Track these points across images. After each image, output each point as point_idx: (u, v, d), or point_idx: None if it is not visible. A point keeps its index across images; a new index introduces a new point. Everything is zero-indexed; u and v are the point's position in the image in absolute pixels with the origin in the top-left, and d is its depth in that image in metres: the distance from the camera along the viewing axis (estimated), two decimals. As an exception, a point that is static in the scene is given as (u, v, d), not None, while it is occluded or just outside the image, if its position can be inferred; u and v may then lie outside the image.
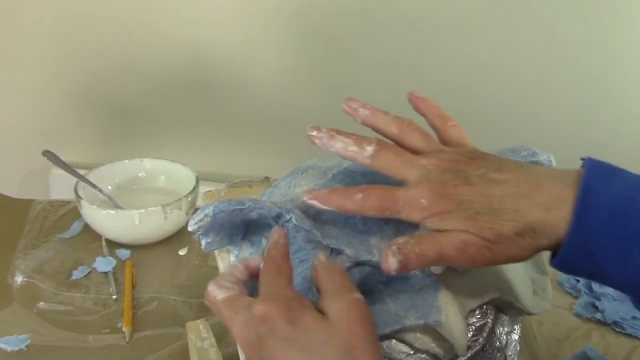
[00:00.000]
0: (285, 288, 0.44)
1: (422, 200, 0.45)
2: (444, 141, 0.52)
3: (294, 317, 0.41)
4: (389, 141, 0.50)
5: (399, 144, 0.50)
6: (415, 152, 0.49)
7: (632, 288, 0.44)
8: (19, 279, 0.81)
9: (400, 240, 0.46)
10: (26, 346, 0.70)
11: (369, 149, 0.48)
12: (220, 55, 1.23)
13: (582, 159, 0.45)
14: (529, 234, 0.44)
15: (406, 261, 0.45)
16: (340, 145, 0.48)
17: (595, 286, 0.81)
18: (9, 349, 0.70)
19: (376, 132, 0.50)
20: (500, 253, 0.44)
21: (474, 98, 1.19)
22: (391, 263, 0.45)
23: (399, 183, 0.57)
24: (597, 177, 0.44)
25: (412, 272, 0.52)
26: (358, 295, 0.43)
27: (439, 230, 0.45)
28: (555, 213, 0.43)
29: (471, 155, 0.48)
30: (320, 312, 0.43)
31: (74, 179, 0.91)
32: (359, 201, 0.47)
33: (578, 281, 0.83)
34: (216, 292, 0.45)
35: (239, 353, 0.52)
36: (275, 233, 0.49)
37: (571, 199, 0.43)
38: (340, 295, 0.43)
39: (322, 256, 0.47)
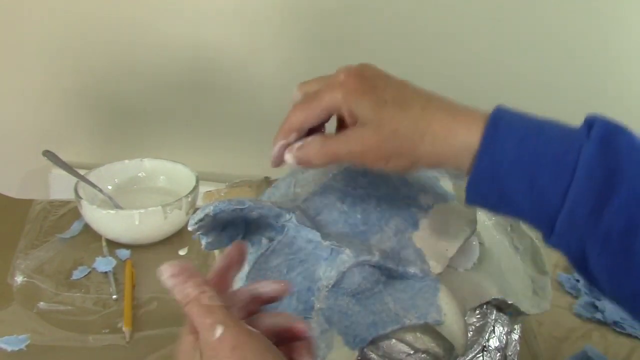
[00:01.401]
0: None
1: (341, 75, 0.47)
2: None
3: None
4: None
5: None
6: None
7: (537, 216, 0.44)
8: (19, 279, 0.81)
9: (310, 138, 0.48)
10: (26, 346, 0.70)
11: (296, 90, 0.51)
12: (221, 55, 1.23)
13: None
14: (428, 136, 0.45)
15: (305, 159, 0.48)
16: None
17: (596, 286, 0.81)
18: (9, 349, 0.70)
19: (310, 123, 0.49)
20: (389, 151, 0.46)
21: (474, 98, 1.19)
22: (287, 159, 0.49)
23: (402, 181, 0.57)
24: (508, 111, 0.46)
25: (412, 271, 0.53)
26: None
27: (352, 114, 0.46)
28: (464, 125, 0.45)
29: None
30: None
31: (74, 179, 0.91)
32: (299, 101, 0.49)
33: (578, 281, 0.83)
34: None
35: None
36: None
37: (481, 123, 0.45)
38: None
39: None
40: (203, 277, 0.39)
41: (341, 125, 0.50)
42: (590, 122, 0.44)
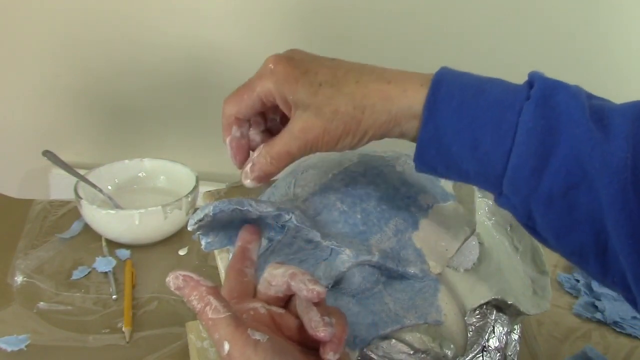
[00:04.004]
0: None
1: (270, 64, 0.47)
2: None
3: None
4: None
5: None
6: None
7: (484, 180, 0.44)
8: (19, 279, 0.81)
9: (255, 153, 0.48)
10: (26, 346, 0.70)
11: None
12: (221, 55, 1.23)
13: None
14: (368, 108, 0.45)
15: (263, 175, 0.48)
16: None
17: (595, 286, 0.81)
18: (9, 349, 0.70)
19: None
20: (336, 133, 0.45)
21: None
22: (248, 184, 0.48)
23: (402, 181, 0.57)
24: (449, 72, 0.45)
25: (412, 272, 0.52)
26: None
27: (286, 101, 0.46)
28: (399, 90, 0.44)
29: None
30: None
31: (74, 179, 0.91)
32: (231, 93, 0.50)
33: (578, 281, 0.83)
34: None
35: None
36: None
37: (418, 85, 0.44)
38: None
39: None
40: (207, 285, 0.39)
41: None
42: (531, 81, 0.44)
